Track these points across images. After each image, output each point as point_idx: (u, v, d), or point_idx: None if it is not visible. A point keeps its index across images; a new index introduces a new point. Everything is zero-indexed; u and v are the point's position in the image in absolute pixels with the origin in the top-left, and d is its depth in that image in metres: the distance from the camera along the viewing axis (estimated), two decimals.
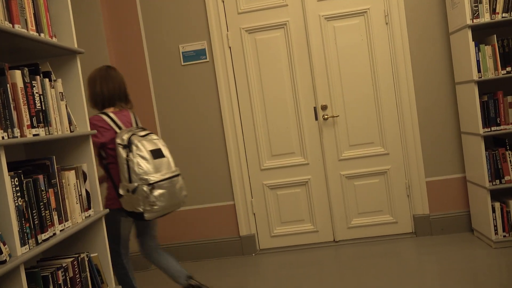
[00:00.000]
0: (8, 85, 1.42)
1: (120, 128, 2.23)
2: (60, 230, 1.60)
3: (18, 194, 1.38)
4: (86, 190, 1.84)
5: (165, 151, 2.22)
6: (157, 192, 2.07)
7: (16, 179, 1.38)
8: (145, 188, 2.04)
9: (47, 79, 1.68)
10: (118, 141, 2.13)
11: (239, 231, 3.52)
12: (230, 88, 3.45)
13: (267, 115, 3.47)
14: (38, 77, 1.61)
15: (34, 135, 1.53)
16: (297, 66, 3.42)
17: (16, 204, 1.37)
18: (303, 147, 3.46)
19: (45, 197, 1.53)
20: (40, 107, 1.60)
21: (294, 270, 3.07)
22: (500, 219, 2.93)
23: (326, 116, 3.41)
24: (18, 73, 1.49)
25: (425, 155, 3.35)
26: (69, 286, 1.60)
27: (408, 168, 3.37)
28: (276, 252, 3.49)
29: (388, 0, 3.30)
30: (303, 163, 3.47)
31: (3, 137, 1.35)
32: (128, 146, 2.09)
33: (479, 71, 2.87)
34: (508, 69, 2.87)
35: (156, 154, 2.14)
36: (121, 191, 2.11)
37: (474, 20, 2.85)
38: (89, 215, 1.84)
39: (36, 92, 1.59)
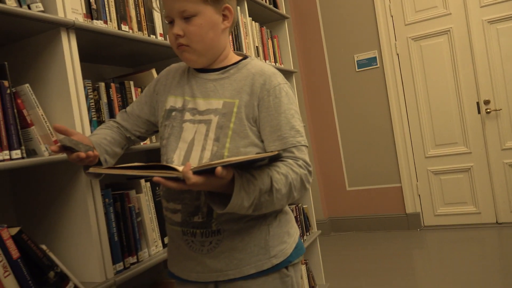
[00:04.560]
0: None
1: None
2: None
3: None
4: None
5: None
6: None
7: None
8: None
9: None
10: None
11: (405, 209, 4.13)
12: (398, 89, 4.09)
13: (431, 111, 4.00)
14: None
15: None
16: (460, 67, 3.86)
17: None
18: (466, 137, 3.88)
19: None
20: None
21: (456, 245, 3.55)
22: None
23: (488, 110, 3.77)
24: None
25: None
26: None
27: None
28: (439, 229, 4.00)
29: None
30: (466, 152, 3.90)
31: None
32: None
33: None
34: None
35: None
36: None
37: None
38: None
39: None
